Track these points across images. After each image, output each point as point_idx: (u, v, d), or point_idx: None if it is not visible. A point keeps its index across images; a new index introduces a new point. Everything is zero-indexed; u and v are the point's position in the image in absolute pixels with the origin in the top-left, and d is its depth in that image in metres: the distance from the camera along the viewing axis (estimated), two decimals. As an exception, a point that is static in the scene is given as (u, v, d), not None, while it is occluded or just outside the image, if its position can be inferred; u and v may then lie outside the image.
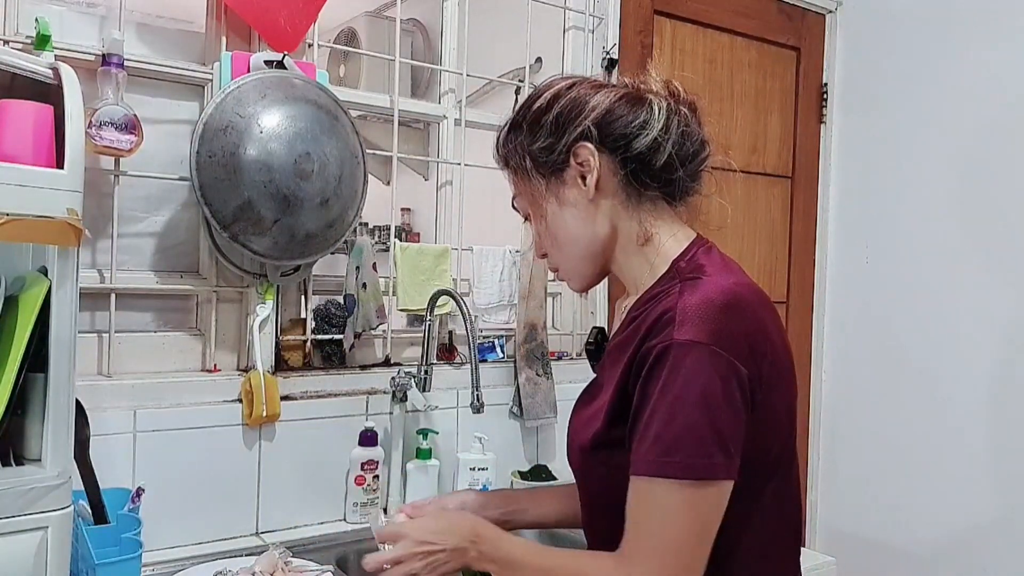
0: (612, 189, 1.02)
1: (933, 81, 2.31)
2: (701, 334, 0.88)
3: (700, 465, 0.87)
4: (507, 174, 1.10)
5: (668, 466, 0.87)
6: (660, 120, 1.01)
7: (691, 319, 0.89)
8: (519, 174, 1.06)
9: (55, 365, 1.03)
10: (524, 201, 1.08)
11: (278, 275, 1.66)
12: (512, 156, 1.06)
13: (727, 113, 2.40)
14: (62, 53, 1.41)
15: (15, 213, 0.97)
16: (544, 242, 1.08)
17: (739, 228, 2.45)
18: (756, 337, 0.92)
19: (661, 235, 1.03)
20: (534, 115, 1.04)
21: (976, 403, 2.19)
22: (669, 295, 0.95)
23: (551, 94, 1.04)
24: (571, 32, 2.15)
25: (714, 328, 0.89)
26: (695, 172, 1.05)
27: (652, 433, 0.88)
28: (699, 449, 0.87)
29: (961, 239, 2.23)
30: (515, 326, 2.01)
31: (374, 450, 1.74)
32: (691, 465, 0.87)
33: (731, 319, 0.90)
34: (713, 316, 0.89)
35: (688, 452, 0.87)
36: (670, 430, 0.87)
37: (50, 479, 1.02)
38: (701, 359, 0.87)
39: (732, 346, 0.89)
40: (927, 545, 2.28)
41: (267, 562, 1.38)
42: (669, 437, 0.87)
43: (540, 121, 1.03)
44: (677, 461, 0.87)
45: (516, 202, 1.10)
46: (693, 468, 0.87)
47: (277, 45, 1.62)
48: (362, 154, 1.69)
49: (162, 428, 1.53)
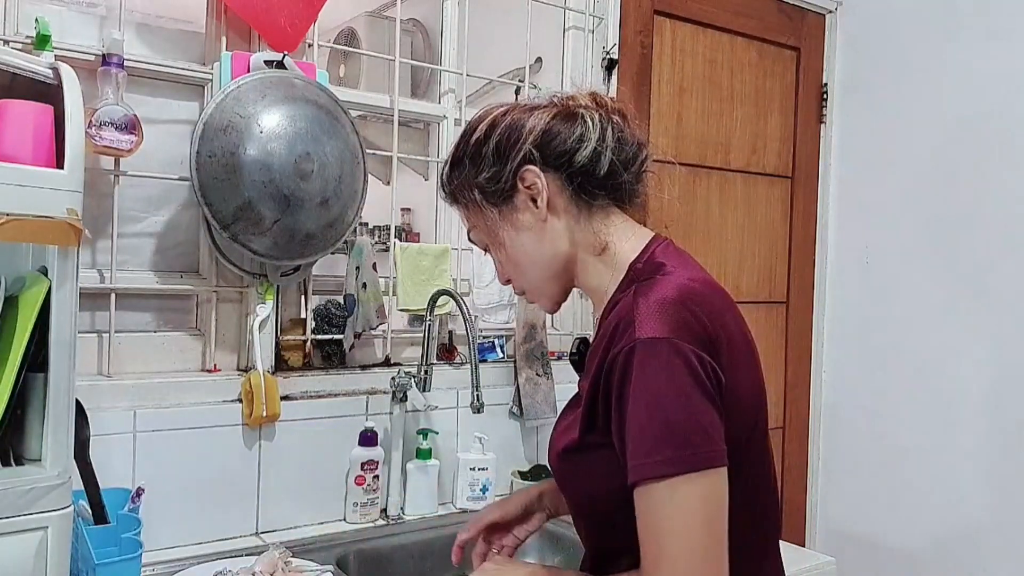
0: (563, 205, 1.04)
1: (933, 81, 2.31)
2: (661, 329, 0.90)
3: (688, 457, 0.87)
4: (457, 210, 1.10)
5: (659, 465, 0.88)
6: (596, 131, 1.03)
7: (649, 317, 0.91)
8: (470, 208, 1.07)
9: (55, 365, 1.03)
10: (480, 234, 1.09)
11: (278, 275, 1.66)
12: (460, 192, 1.07)
13: (727, 113, 2.40)
14: (62, 53, 1.41)
15: (15, 213, 0.97)
16: (506, 269, 1.09)
17: (739, 228, 2.45)
18: (712, 326, 0.94)
19: (617, 241, 1.06)
20: (474, 147, 1.05)
21: (976, 403, 2.19)
22: (629, 295, 0.97)
23: (487, 124, 1.06)
24: (571, 32, 2.16)
25: (672, 322, 0.91)
26: (638, 174, 1.08)
27: (635, 437, 0.89)
28: (683, 441, 0.87)
29: (961, 239, 2.23)
30: (515, 326, 2.01)
31: (374, 450, 1.74)
32: (680, 459, 0.87)
33: (686, 311, 0.92)
34: (669, 311, 0.92)
35: (675, 446, 0.87)
36: (651, 430, 0.88)
37: (50, 479, 1.02)
38: (665, 353, 0.89)
39: (691, 337, 0.90)
40: (927, 545, 2.28)
41: (267, 562, 1.38)
42: (652, 437, 0.88)
43: (481, 152, 1.04)
44: (667, 458, 0.87)
45: (472, 235, 1.11)
46: (683, 461, 0.87)
47: (277, 45, 1.62)
48: (362, 154, 1.69)
49: (162, 428, 1.53)
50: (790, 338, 2.57)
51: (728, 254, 2.42)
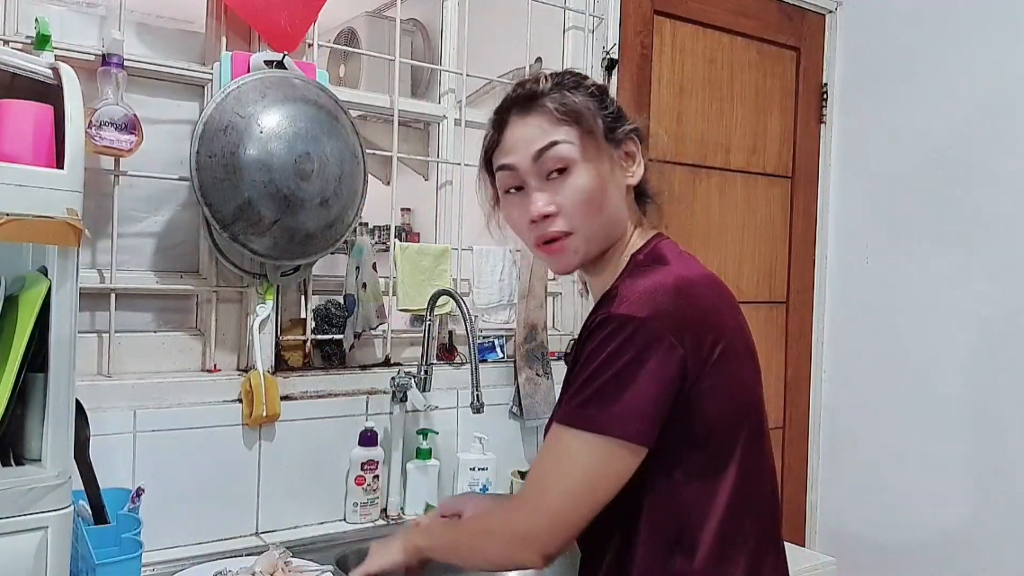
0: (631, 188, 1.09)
1: (933, 81, 2.30)
2: (640, 310, 0.93)
3: (612, 422, 0.91)
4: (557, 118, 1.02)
5: (581, 418, 0.93)
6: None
7: (633, 298, 0.94)
8: (583, 125, 1.02)
9: (55, 365, 1.03)
10: (573, 151, 1.01)
11: (278, 275, 1.66)
12: (584, 109, 1.03)
13: (727, 113, 2.40)
14: (62, 53, 1.41)
15: (15, 213, 0.97)
16: (566, 199, 1.01)
17: (739, 228, 2.45)
18: (703, 320, 0.97)
19: (634, 235, 1.09)
20: (598, 88, 1.08)
21: (976, 403, 2.19)
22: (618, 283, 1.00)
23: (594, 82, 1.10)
24: (571, 32, 2.16)
25: (654, 307, 0.93)
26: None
27: (576, 386, 0.94)
28: (615, 409, 0.91)
29: (961, 239, 2.23)
30: (515, 326, 2.01)
31: (374, 450, 1.74)
32: (604, 421, 0.92)
33: (675, 301, 0.95)
34: (655, 297, 0.94)
35: (603, 408, 0.92)
36: (592, 386, 0.92)
37: (50, 479, 1.02)
38: (634, 331, 0.92)
39: (671, 325, 0.93)
40: (927, 545, 2.28)
41: (267, 562, 1.38)
42: (590, 392, 0.92)
43: (605, 97, 1.08)
44: (591, 414, 0.92)
45: (560, 148, 1.01)
46: (605, 424, 0.92)
47: (277, 45, 1.62)
48: (362, 154, 1.69)
49: (162, 428, 1.53)
50: (790, 338, 2.56)
51: (728, 254, 2.42)
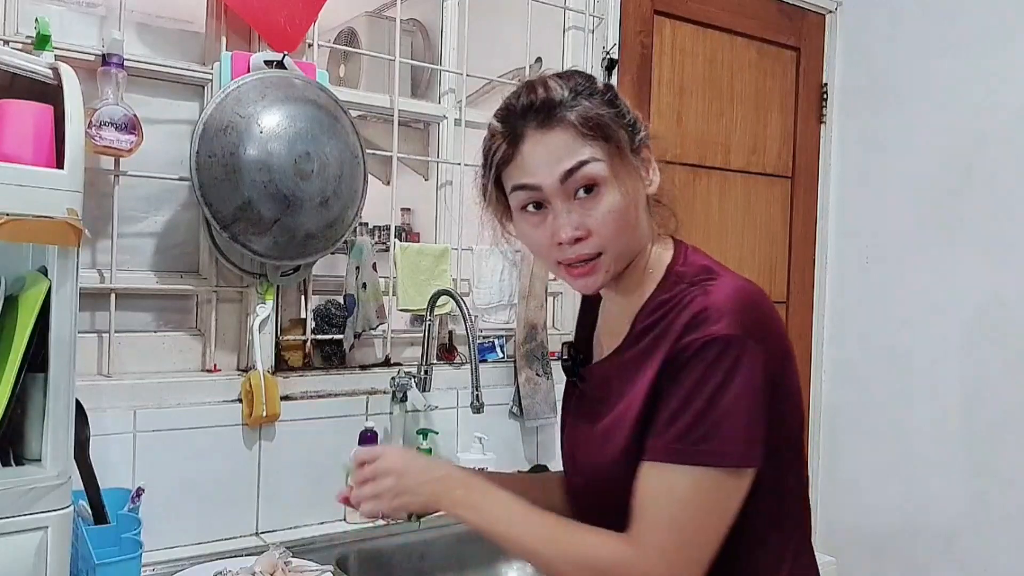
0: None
1: (933, 81, 2.30)
2: (737, 328, 0.90)
3: (735, 453, 0.89)
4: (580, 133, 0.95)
5: (701, 454, 0.88)
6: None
7: (726, 314, 0.91)
8: (609, 141, 0.96)
9: (55, 365, 1.03)
10: (603, 169, 0.95)
11: (278, 275, 1.66)
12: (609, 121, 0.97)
13: (727, 113, 2.40)
14: (62, 53, 1.41)
15: (15, 213, 0.97)
16: (593, 222, 0.95)
17: (739, 228, 2.44)
18: (776, 330, 0.96)
19: (654, 244, 1.04)
20: (612, 92, 1.00)
21: (976, 403, 2.19)
22: (688, 296, 0.95)
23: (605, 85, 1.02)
24: (571, 32, 2.15)
25: (746, 322, 0.91)
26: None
27: (684, 422, 0.89)
28: (735, 437, 0.88)
29: (961, 239, 2.23)
30: (515, 326, 2.01)
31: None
32: (726, 453, 0.88)
33: (758, 313, 0.94)
34: (743, 310, 0.92)
35: (724, 440, 0.88)
36: (708, 419, 0.88)
37: (50, 479, 1.02)
38: (740, 351, 0.89)
39: (762, 339, 0.91)
40: (926, 545, 2.28)
41: (267, 562, 1.38)
42: (706, 425, 0.89)
43: (620, 102, 1.00)
44: (712, 449, 0.88)
45: (590, 168, 0.95)
46: (728, 456, 0.89)
47: (277, 45, 1.62)
48: (362, 154, 1.69)
49: (162, 428, 1.53)
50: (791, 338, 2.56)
51: (728, 254, 2.42)
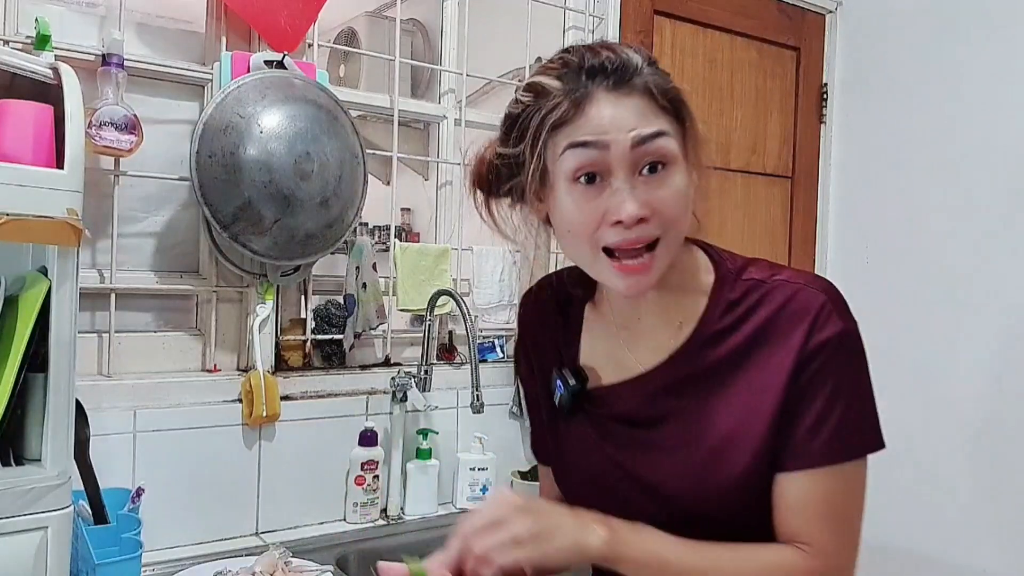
0: None
1: (933, 81, 2.30)
2: (852, 317, 0.93)
3: (877, 438, 0.93)
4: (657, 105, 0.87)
5: (853, 449, 0.91)
6: None
7: (839, 306, 0.93)
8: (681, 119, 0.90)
9: (55, 365, 1.03)
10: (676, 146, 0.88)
11: (278, 275, 1.66)
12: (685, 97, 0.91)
13: (727, 113, 2.40)
14: (62, 53, 1.41)
15: (15, 213, 0.97)
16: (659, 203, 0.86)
17: (739, 228, 2.44)
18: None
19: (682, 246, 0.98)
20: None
21: (975, 404, 2.19)
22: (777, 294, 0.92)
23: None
24: (571, 32, 2.15)
25: (849, 315, 0.93)
26: None
27: (834, 422, 0.90)
28: (875, 424, 0.92)
29: (960, 239, 2.23)
30: (515, 326, 2.01)
31: (374, 450, 1.74)
32: (872, 441, 0.92)
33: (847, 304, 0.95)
34: (843, 299, 0.94)
35: (868, 430, 0.92)
36: (854, 413, 0.91)
37: (50, 479, 1.02)
38: (861, 340, 0.92)
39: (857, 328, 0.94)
40: (927, 545, 2.28)
41: (267, 562, 1.38)
42: (854, 420, 0.91)
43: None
44: (864, 442, 0.91)
45: (665, 141, 0.86)
46: (873, 443, 0.92)
47: (277, 45, 1.62)
48: (362, 154, 1.69)
49: (162, 428, 1.53)
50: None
51: (728, 254, 2.42)
